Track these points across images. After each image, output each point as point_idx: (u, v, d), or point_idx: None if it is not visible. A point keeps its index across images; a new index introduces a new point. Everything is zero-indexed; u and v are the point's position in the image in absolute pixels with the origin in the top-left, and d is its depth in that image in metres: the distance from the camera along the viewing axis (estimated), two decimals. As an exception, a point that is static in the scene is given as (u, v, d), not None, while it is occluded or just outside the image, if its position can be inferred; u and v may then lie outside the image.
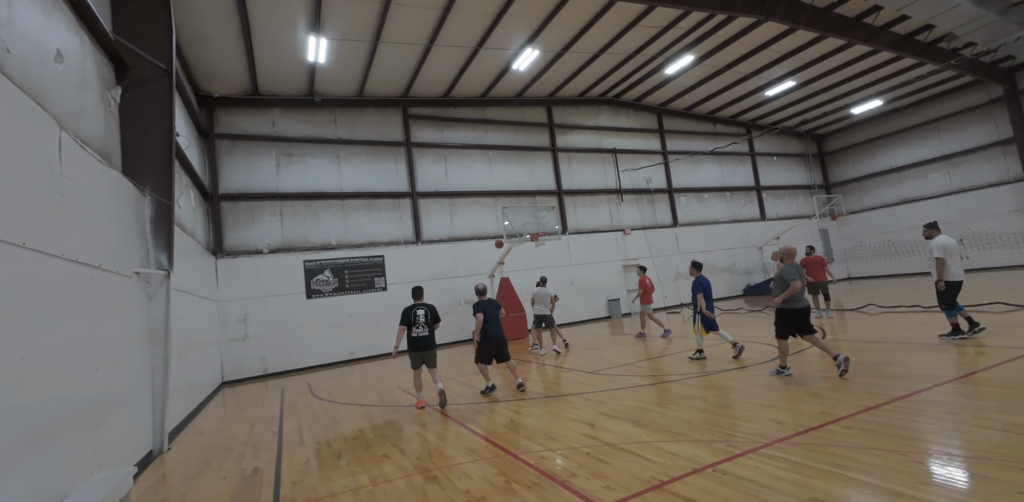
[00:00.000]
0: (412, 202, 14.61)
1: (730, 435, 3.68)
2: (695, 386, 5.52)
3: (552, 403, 5.59)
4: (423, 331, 6.29)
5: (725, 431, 3.80)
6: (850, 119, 21.84)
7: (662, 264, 17.92)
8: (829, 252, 22.30)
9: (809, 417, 3.87)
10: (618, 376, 6.68)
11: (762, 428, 3.76)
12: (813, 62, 15.94)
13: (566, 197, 17.12)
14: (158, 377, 5.90)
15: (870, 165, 21.86)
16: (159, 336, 5.93)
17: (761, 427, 3.78)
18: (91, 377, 4.07)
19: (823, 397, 4.44)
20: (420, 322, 6.31)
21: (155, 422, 5.78)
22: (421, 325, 6.30)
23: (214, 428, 6.68)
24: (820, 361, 6.08)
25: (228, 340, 11.56)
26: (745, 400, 4.68)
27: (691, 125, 20.53)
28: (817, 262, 10.49)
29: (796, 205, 22.69)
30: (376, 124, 14.64)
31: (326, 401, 7.60)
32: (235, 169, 12.64)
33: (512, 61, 13.57)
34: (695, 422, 4.12)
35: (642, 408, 4.81)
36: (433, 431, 5.05)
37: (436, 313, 6.48)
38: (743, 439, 3.57)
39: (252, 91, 12.92)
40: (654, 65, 15.81)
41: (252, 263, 12.23)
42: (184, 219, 8.88)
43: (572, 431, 4.35)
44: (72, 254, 3.83)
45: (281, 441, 5.49)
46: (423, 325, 6.31)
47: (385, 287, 13.60)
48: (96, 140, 4.99)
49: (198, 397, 8.55)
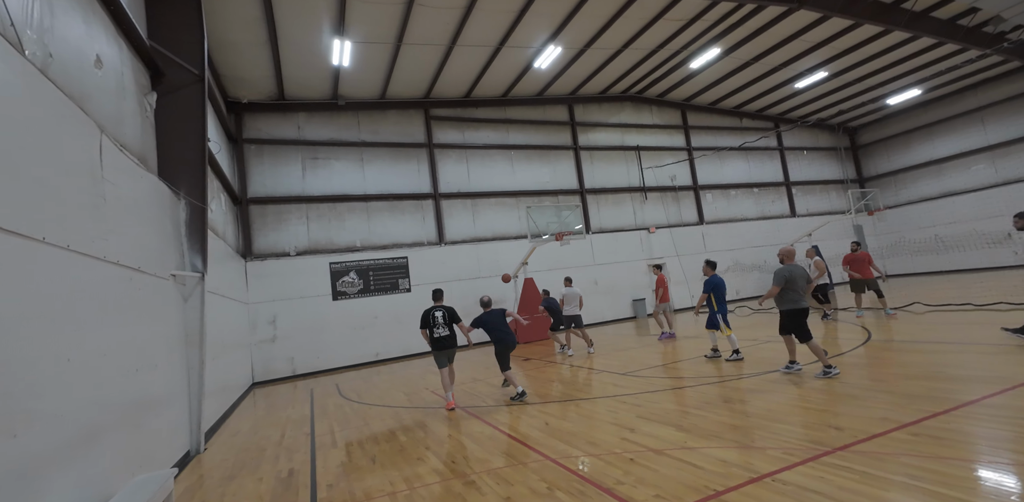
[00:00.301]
0: (435, 203, 14.63)
1: (784, 442, 3.47)
2: (736, 389, 5.29)
3: (586, 405, 5.43)
4: (443, 331, 6.52)
5: (778, 437, 3.59)
6: (885, 110, 20.96)
7: (689, 263, 17.50)
8: (865, 249, 21.44)
9: (869, 423, 3.63)
10: (651, 378, 6.48)
11: (819, 434, 3.54)
12: (847, 51, 15.33)
13: (589, 196, 16.89)
14: (194, 378, 5.98)
15: (907, 158, 20.93)
16: (194, 337, 6.01)
17: (818, 433, 3.56)
18: (132, 378, 4.11)
19: (879, 401, 4.17)
20: (439, 323, 6.55)
21: (192, 423, 5.86)
22: (441, 326, 6.54)
23: (248, 429, 6.75)
24: (868, 364, 5.76)
25: (258, 341, 11.75)
26: (794, 404, 4.44)
27: (716, 120, 20.03)
28: (863, 259, 9.95)
29: (828, 201, 21.91)
30: (398, 126, 14.72)
31: (355, 402, 7.61)
32: (263, 173, 12.86)
33: (534, 59, 13.45)
34: (743, 427, 3.92)
35: (682, 411, 4.62)
36: (466, 433, 4.96)
37: (455, 314, 6.66)
38: (799, 446, 3.36)
39: (279, 96, 13.14)
40: (678, 59, 15.46)
41: (280, 266, 12.42)
42: (216, 223, 9.05)
43: (611, 435, 4.19)
44: (113, 256, 3.88)
45: (314, 443, 5.48)
46: (442, 326, 6.54)
47: (409, 288, 13.64)
48: (134, 145, 5.08)
49: (231, 398, 8.69)
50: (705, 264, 7.49)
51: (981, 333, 6.72)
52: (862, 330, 8.23)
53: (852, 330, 8.47)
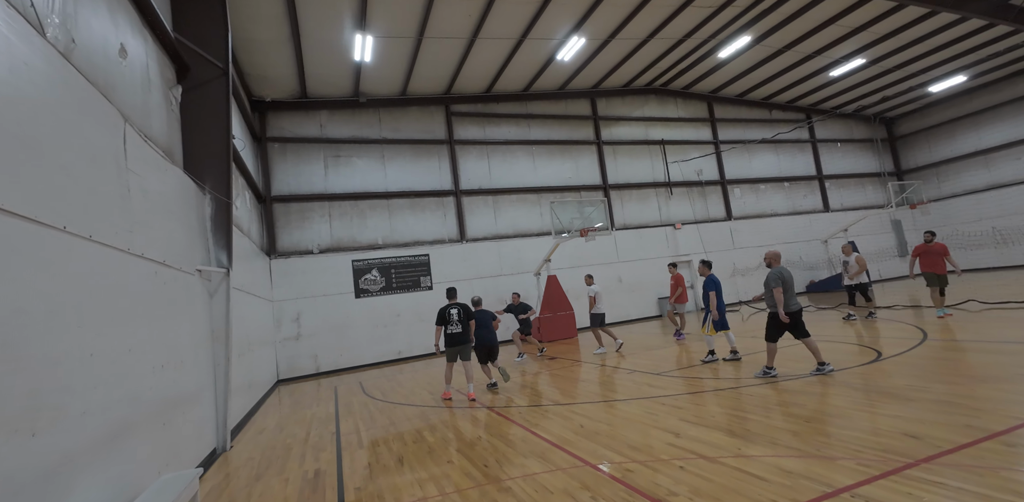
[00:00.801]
0: (456, 200, 14.47)
1: (855, 451, 3.13)
2: (784, 390, 4.93)
3: (622, 407, 5.15)
4: (457, 328, 6.79)
5: (846, 445, 3.25)
6: (927, 98, 19.91)
7: (717, 260, 16.91)
8: (903, 244, 20.48)
9: (951, 431, 3.26)
10: (689, 378, 6.15)
11: (893, 443, 3.18)
12: (887, 36, 14.56)
13: (612, 192, 16.50)
14: (220, 375, 5.92)
15: (950, 148, 19.85)
16: (221, 334, 5.95)
17: (892, 442, 3.21)
18: (159, 375, 4.02)
19: (956, 407, 3.78)
20: (454, 320, 6.82)
21: (218, 420, 5.79)
22: (455, 323, 6.81)
23: (273, 426, 6.68)
24: (931, 366, 5.31)
25: (282, 339, 11.78)
26: (854, 407, 4.07)
27: (744, 112, 19.36)
28: (937, 251, 8.71)
29: (863, 194, 20.97)
30: (419, 123, 14.60)
31: (380, 401, 7.48)
32: (286, 171, 12.90)
33: (556, 51, 13.15)
34: (803, 433, 3.58)
35: (730, 415, 4.30)
36: (497, 435, 4.73)
37: (470, 311, 6.93)
38: (874, 456, 3.02)
39: (301, 94, 13.16)
40: (706, 49, 14.94)
41: (303, 263, 12.43)
42: (241, 220, 9.05)
43: (654, 439, 3.91)
44: (138, 249, 3.78)
45: (340, 442, 5.34)
46: (456, 323, 6.81)
47: (431, 286, 13.51)
48: (160, 138, 5.01)
49: (257, 395, 8.68)
50: (701, 264, 7.49)
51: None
52: (915, 329, 7.70)
53: (902, 329, 7.94)
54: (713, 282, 7.12)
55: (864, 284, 9.57)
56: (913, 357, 5.68)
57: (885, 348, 6.35)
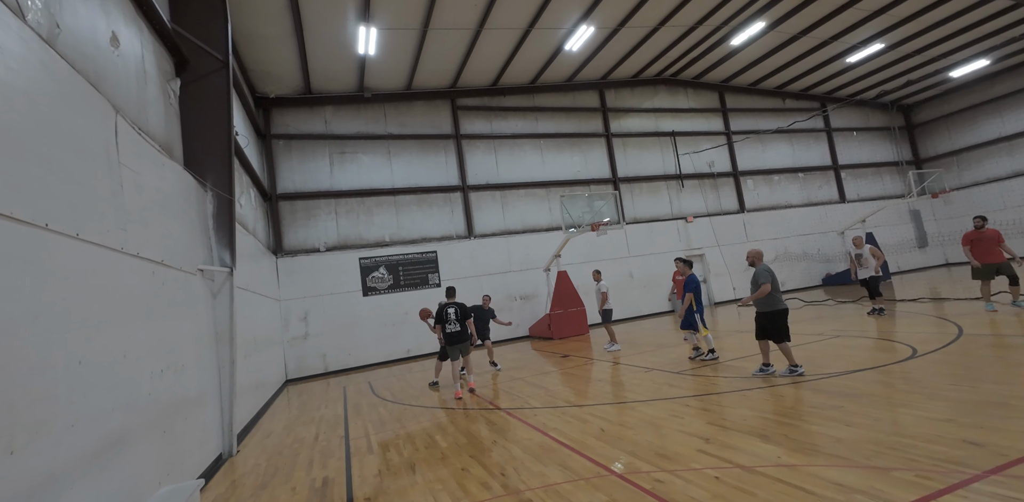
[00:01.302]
0: (463, 196, 14.23)
1: (911, 460, 2.85)
2: (818, 391, 4.64)
3: (643, 409, 4.89)
4: (455, 327, 6.96)
5: (900, 454, 2.97)
6: (947, 84, 19.27)
7: (730, 253, 16.56)
8: (923, 236, 19.94)
9: (1016, 437, 2.96)
10: (711, 377, 5.87)
11: (954, 451, 2.90)
12: (906, 20, 14.03)
13: (622, 185, 16.16)
14: (225, 377, 5.74)
15: (972, 135, 19.22)
16: (225, 335, 5.77)
17: (951, 450, 2.92)
18: (158, 380, 3.83)
19: (1013, 409, 3.47)
20: (452, 319, 6.99)
21: (224, 424, 5.62)
22: (453, 322, 6.98)
23: (281, 429, 6.51)
24: (976, 364, 4.99)
25: (290, 339, 11.65)
26: (899, 410, 3.78)
27: (757, 102, 18.87)
28: (990, 237, 7.94)
29: (881, 184, 20.41)
30: (425, 117, 14.35)
31: (389, 402, 7.29)
32: (291, 169, 12.73)
33: (565, 41, 12.81)
34: (847, 440, 3.30)
35: (763, 418, 4.02)
36: (512, 439, 4.50)
37: (467, 310, 7.10)
38: (934, 467, 2.74)
39: (305, 90, 12.95)
40: (718, 37, 14.50)
41: (310, 262, 12.28)
42: (245, 218, 8.88)
43: (684, 446, 3.65)
44: (132, 248, 3.58)
45: (348, 447, 5.15)
46: (454, 322, 6.98)
47: (439, 283, 13.31)
48: (158, 132, 4.81)
49: (264, 396, 8.53)
50: (682, 263, 7.30)
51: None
52: (946, 323, 7.35)
53: (932, 323, 7.59)
54: (694, 282, 6.97)
55: (876, 277, 9.07)
56: (951, 354, 5.35)
57: (918, 344, 6.02)
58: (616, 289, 14.92)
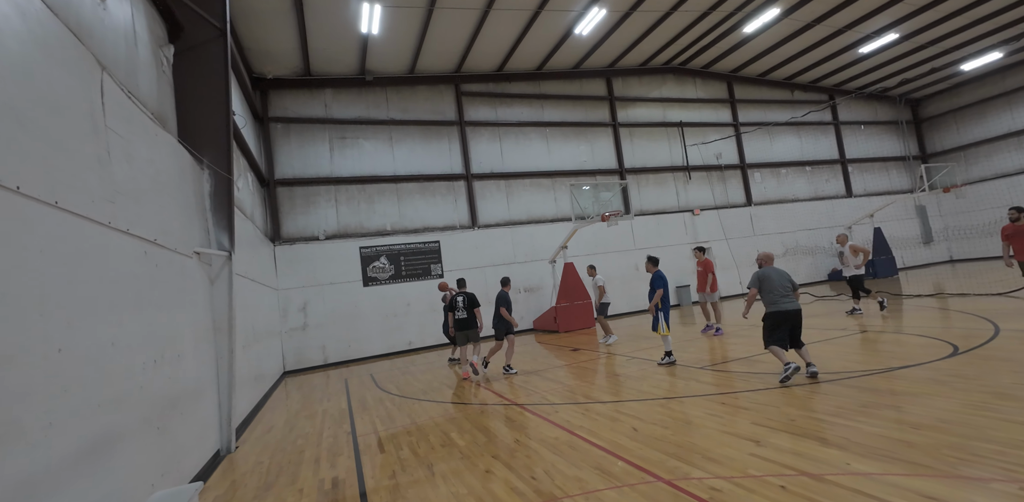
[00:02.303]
0: (467, 184, 13.81)
1: (1006, 470, 2.54)
2: (864, 389, 4.34)
3: (675, 406, 4.58)
4: (463, 314, 7.52)
5: (990, 462, 2.65)
6: (957, 77, 18.99)
7: (737, 247, 16.30)
8: (928, 231, 19.77)
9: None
10: (741, 373, 5.57)
11: (1051, 458, 2.60)
12: (924, 8, 13.67)
13: (629, 176, 15.78)
14: (223, 368, 5.37)
15: (982, 130, 18.99)
16: (223, 324, 5.38)
17: (1048, 456, 2.62)
18: (151, 371, 3.45)
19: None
20: (460, 307, 7.56)
21: (222, 418, 5.26)
22: (461, 309, 7.55)
23: (282, 424, 6.16)
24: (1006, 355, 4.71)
25: (289, 329, 11.26)
26: (967, 411, 3.44)
27: (766, 93, 18.51)
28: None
29: (888, 179, 20.19)
30: (429, 103, 13.87)
31: (396, 396, 6.94)
32: (290, 154, 12.25)
33: (575, 25, 12.35)
34: (920, 445, 2.99)
35: (812, 419, 3.71)
36: (537, 439, 4.17)
37: (475, 299, 7.60)
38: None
39: (304, 72, 12.43)
40: (731, 23, 14.08)
41: (309, 250, 11.85)
42: (243, 203, 8.45)
43: (732, 448, 3.33)
44: (122, 224, 3.18)
45: (357, 444, 4.80)
46: (463, 309, 7.53)
47: (442, 274, 12.94)
48: (150, 100, 4.37)
49: (263, 388, 8.17)
50: (648, 261, 7.10)
51: None
52: (978, 319, 7.09)
53: (961, 318, 7.34)
54: (661, 279, 6.71)
55: (858, 276, 8.71)
56: (998, 350, 5.07)
57: (957, 341, 5.75)
58: (621, 281, 14.67)
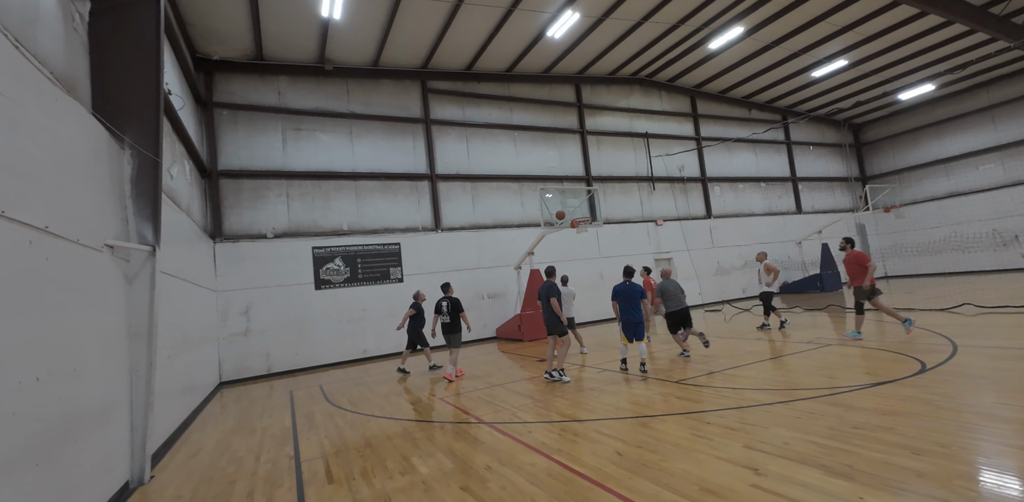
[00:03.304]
0: (431, 185, 13.23)
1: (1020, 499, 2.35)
2: (850, 407, 4.18)
3: (658, 426, 4.26)
4: (446, 318, 7.87)
5: (1006, 494, 2.46)
6: (895, 106, 20.49)
7: (697, 258, 16.60)
8: (867, 249, 21.02)
9: None
10: (719, 388, 5.36)
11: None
12: (872, 37, 14.57)
13: (595, 184, 15.73)
14: (139, 384, 4.55)
15: (914, 156, 20.52)
16: (142, 330, 4.58)
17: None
18: (33, 391, 2.72)
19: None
20: (444, 311, 7.89)
21: (134, 443, 4.44)
22: (444, 314, 7.88)
23: (212, 446, 5.34)
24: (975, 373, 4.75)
25: (228, 335, 10.20)
26: (966, 435, 3.30)
27: (725, 110, 19.15)
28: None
29: (833, 198, 21.38)
30: (393, 97, 13.22)
31: (348, 411, 6.26)
32: (236, 143, 11.22)
33: (547, 27, 12.16)
34: (932, 474, 2.77)
35: (808, 442, 3.47)
36: (512, 465, 3.71)
37: (458, 304, 7.94)
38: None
39: (256, 55, 11.48)
40: (697, 38, 14.41)
41: (255, 249, 10.85)
42: (178, 193, 7.51)
43: (731, 478, 3.01)
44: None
45: (301, 472, 4.15)
46: (446, 314, 7.86)
47: (401, 278, 12.25)
48: (52, 60, 3.60)
49: (192, 403, 7.21)
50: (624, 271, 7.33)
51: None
52: (929, 333, 7.32)
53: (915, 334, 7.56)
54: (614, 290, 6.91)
55: (769, 292, 9.25)
56: (962, 366, 5.13)
57: (921, 356, 5.82)
58: (586, 289, 14.48)
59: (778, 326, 9.31)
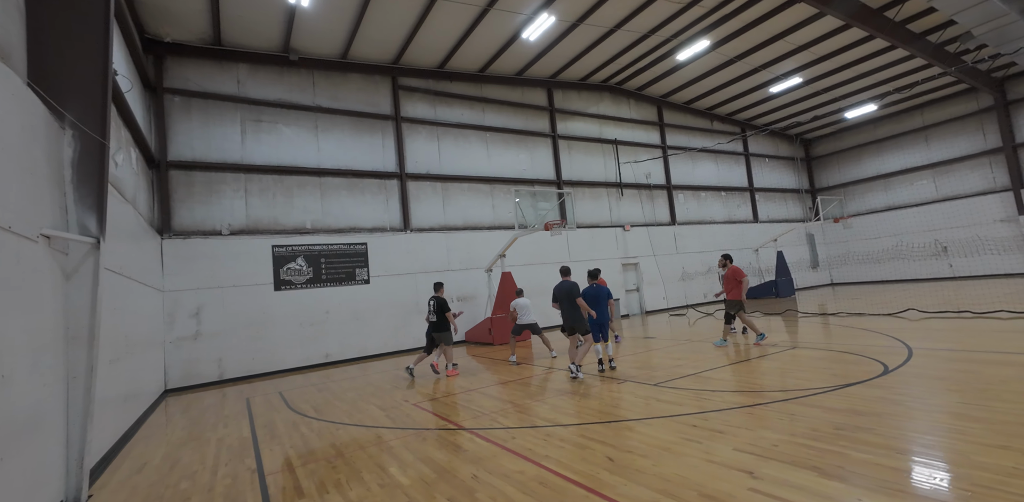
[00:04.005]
0: (401, 184, 12.86)
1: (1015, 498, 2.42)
2: (827, 408, 4.28)
3: (644, 430, 4.20)
4: (432, 317, 7.84)
5: (996, 493, 2.50)
6: (841, 124, 21.89)
7: (663, 263, 17.01)
8: (815, 257, 22.27)
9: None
10: (697, 390, 5.40)
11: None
12: (824, 58, 15.49)
13: (566, 188, 15.83)
14: (77, 392, 4.05)
15: (858, 171, 21.98)
16: (81, 332, 4.08)
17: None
18: (-54, 405, 2.30)
19: None
20: (430, 310, 7.88)
21: (70, 459, 3.93)
22: (431, 313, 7.86)
23: (160, 459, 4.84)
24: (937, 374, 5.02)
25: (176, 339, 9.43)
26: (943, 435, 3.40)
27: (690, 120, 19.82)
28: None
29: (786, 208, 22.52)
30: (362, 93, 12.79)
31: (313, 419, 5.87)
32: (190, 133, 10.47)
33: (523, 29, 12.14)
34: (919, 474, 2.84)
35: (796, 444, 3.50)
36: (499, 473, 3.53)
37: (443, 304, 7.88)
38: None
39: (214, 40, 10.79)
40: (666, 49, 14.83)
41: (209, 246, 10.12)
42: (123, 183, 6.88)
43: (728, 483, 2.97)
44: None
45: (265, 487, 3.80)
46: (431, 313, 7.84)
47: (368, 279, 11.79)
48: (-17, 21, 3.15)
49: (135, 412, 6.57)
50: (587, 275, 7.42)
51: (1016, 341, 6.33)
52: (883, 336, 7.74)
53: (870, 336, 7.97)
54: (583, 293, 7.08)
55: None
56: (922, 368, 5.40)
57: (881, 358, 6.11)
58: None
59: (741, 330, 9.58)
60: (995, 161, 17.90)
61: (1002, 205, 17.59)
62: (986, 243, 17.66)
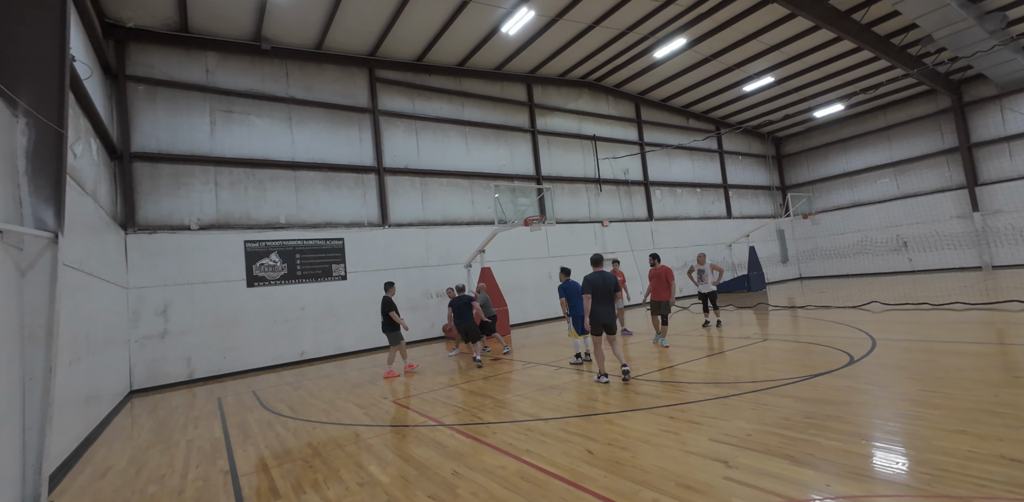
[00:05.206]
0: (378, 178, 12.65)
1: (980, 486, 2.52)
2: (797, 398, 4.43)
3: (623, 422, 4.27)
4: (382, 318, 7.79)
5: (959, 478, 2.59)
6: (810, 123, 22.56)
7: (641, 259, 17.23)
8: (785, 252, 22.98)
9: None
10: (672, 382, 5.51)
11: (1011, 471, 2.65)
12: (794, 58, 15.92)
13: (546, 183, 15.85)
14: (34, 394, 3.86)
15: (825, 169, 22.72)
16: (39, 331, 3.87)
17: (1008, 470, 2.68)
18: None
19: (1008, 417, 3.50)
20: None
21: (27, 464, 3.75)
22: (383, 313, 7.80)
23: (125, 463, 4.66)
24: (900, 364, 5.26)
25: (141, 337, 9.07)
26: (906, 421, 3.56)
27: (667, 117, 20.10)
28: None
29: (758, 205, 23.12)
30: (338, 84, 12.49)
31: (289, 418, 5.75)
32: (155, 123, 10.03)
33: (502, 22, 12.04)
34: (884, 460, 2.97)
35: (768, 433, 3.61)
36: (480, 469, 3.53)
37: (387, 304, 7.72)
38: (1008, 493, 2.45)
39: (180, 26, 10.34)
40: (643, 46, 14.97)
41: (176, 241, 9.75)
42: (83, 174, 6.55)
43: (705, 472, 3.05)
44: None
45: (240, 489, 3.70)
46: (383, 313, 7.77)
47: (344, 275, 11.59)
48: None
49: (98, 414, 6.30)
50: (560, 271, 7.44)
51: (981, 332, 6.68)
52: (848, 328, 8.05)
53: (836, 328, 8.28)
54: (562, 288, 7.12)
55: (715, 292, 9.70)
56: (884, 358, 5.65)
57: (848, 349, 6.36)
58: (535, 289, 14.64)
59: (715, 324, 9.82)
60: (952, 160, 18.79)
61: (957, 202, 18.49)
62: (943, 238, 18.56)
